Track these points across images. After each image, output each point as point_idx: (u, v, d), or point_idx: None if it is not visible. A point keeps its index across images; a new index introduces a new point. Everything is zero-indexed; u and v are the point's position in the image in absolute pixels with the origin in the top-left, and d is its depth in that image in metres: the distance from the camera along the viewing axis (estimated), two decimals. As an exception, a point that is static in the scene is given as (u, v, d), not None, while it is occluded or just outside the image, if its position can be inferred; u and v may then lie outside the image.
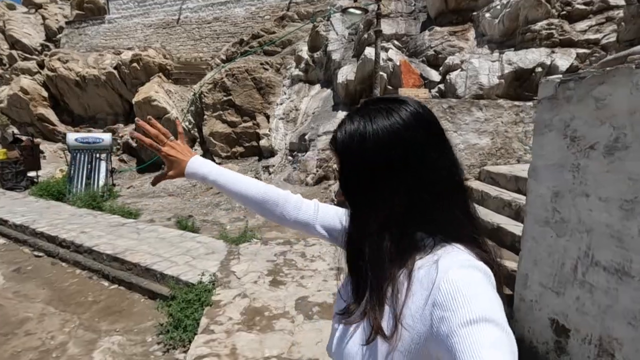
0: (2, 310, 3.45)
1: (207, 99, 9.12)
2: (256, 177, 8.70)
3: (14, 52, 16.56)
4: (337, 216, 0.88)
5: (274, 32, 9.53)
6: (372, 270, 0.58)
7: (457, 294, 0.48)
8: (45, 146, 11.54)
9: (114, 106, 11.87)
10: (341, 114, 7.36)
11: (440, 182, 0.58)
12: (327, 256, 3.95)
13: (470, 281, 0.50)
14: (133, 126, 10.89)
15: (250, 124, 8.73)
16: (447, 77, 6.06)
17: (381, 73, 6.02)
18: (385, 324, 0.55)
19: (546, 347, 2.07)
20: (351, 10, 4.26)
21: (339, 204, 0.67)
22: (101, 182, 8.03)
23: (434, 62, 6.51)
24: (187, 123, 9.60)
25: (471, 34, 6.42)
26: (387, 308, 0.55)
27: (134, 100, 9.84)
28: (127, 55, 11.19)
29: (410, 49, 6.86)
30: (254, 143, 8.69)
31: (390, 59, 6.39)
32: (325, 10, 9.05)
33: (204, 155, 8.36)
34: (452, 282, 0.50)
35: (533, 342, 2.16)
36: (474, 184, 4.56)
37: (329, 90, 8.19)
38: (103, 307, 3.53)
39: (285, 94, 8.74)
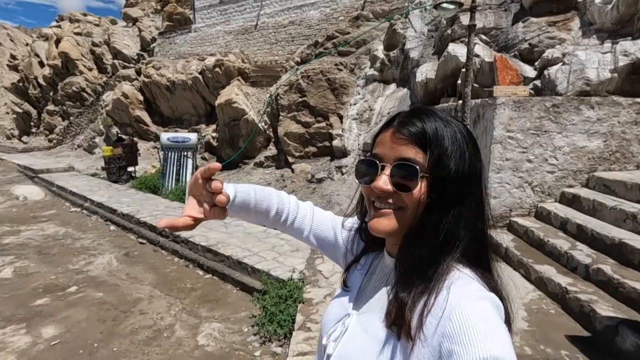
0: (119, 290, 3.91)
1: (282, 100, 9.45)
2: (329, 178, 8.80)
3: (116, 61, 18.90)
4: (332, 226, 0.83)
5: (348, 33, 9.53)
6: (425, 279, 0.56)
7: (470, 328, 0.47)
8: (140, 144, 12.95)
9: (197, 108, 12.89)
10: (418, 114, 7.09)
11: (484, 205, 0.60)
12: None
13: (484, 316, 0.48)
14: (214, 126, 11.72)
15: (323, 124, 8.85)
16: (545, 72, 5.48)
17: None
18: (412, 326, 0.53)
19: None
20: (444, 5, 4.05)
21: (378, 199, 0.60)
22: (188, 178, 8.77)
23: (528, 56, 5.94)
24: (262, 124, 10.05)
25: (575, 23, 5.72)
26: (415, 318, 0.54)
27: (216, 103, 10.57)
28: (210, 61, 12.06)
29: (500, 44, 6.35)
30: (327, 143, 8.78)
31: (477, 55, 5.98)
32: (403, 7, 8.80)
33: (278, 155, 8.64)
34: (463, 314, 0.48)
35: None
36: (582, 191, 4.06)
37: (405, 90, 7.95)
38: (201, 295, 3.81)
39: (359, 94, 8.69)
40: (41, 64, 21.79)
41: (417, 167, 0.55)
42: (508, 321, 0.54)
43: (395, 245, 0.63)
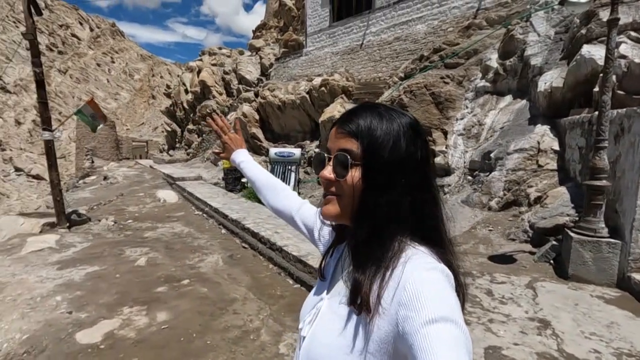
0: (219, 288, 4.31)
1: (383, 116, 9.35)
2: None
3: (240, 86, 21.68)
4: (317, 218, 0.94)
5: (457, 44, 8.94)
6: (376, 258, 0.61)
7: (421, 294, 0.52)
8: (254, 158, 14.43)
9: (303, 125, 13.76)
10: (540, 128, 6.13)
11: (429, 188, 0.65)
12: (523, 301, 3.22)
13: (433, 284, 0.54)
14: (317, 142, 12.29)
15: (425, 140, 8.41)
16: None
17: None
18: (371, 300, 0.58)
19: None
20: (573, -1, 3.42)
21: (325, 187, 0.69)
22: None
23: None
24: (362, 140, 10.10)
25: None
26: (373, 293, 0.59)
27: (320, 120, 11.11)
28: (317, 81, 12.79)
29: (658, 40, 5.07)
30: (428, 160, 8.29)
31: (622, 56, 4.90)
32: (524, 10, 7.86)
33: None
34: (416, 283, 0.54)
35: None
36: None
37: (523, 101, 6.99)
38: (287, 303, 3.92)
39: (467, 107, 8.00)
40: (186, 91, 26.47)
41: (348, 156, 0.63)
42: (461, 292, 0.62)
43: None
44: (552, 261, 4.11)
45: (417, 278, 0.55)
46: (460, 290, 0.62)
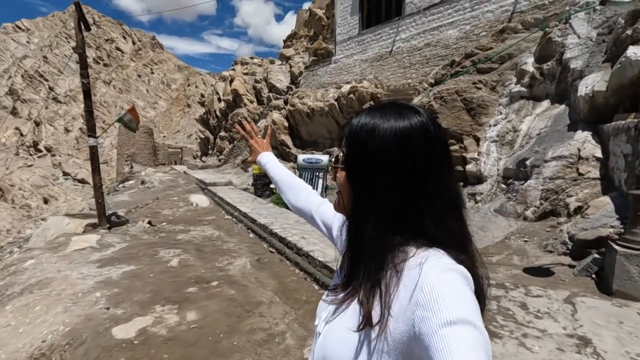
0: (247, 291, 4.39)
1: (412, 122, 9.21)
2: (459, 205, 8.01)
3: (270, 94, 22.18)
4: (335, 217, 0.95)
5: (490, 48, 8.69)
6: (370, 260, 0.61)
7: (438, 295, 0.51)
8: (282, 165, 14.66)
9: (331, 132, 13.83)
10: (580, 135, 5.80)
11: (443, 191, 0.62)
12: (561, 316, 3.04)
13: (451, 284, 0.53)
14: (345, 149, 12.31)
15: (456, 147, 8.19)
16: None
17: (657, 77, 4.36)
18: (374, 313, 0.58)
19: None
20: (616, -1, 3.24)
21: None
22: (317, 197, 9.37)
23: None
24: (391, 146, 10.00)
25: None
26: (376, 302, 0.59)
27: (348, 127, 11.15)
28: (345, 88, 12.86)
29: None
30: (460, 168, 8.05)
31: (674, 57, 4.57)
32: (562, 12, 7.53)
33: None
34: (433, 284, 0.53)
35: None
36: None
37: (562, 107, 6.66)
38: (313, 309, 3.92)
39: (501, 113, 7.73)
40: (219, 100, 27.44)
41: (334, 159, 0.69)
42: (481, 295, 0.59)
43: None
44: (593, 275, 3.86)
45: (435, 279, 0.53)
46: (480, 292, 0.59)
